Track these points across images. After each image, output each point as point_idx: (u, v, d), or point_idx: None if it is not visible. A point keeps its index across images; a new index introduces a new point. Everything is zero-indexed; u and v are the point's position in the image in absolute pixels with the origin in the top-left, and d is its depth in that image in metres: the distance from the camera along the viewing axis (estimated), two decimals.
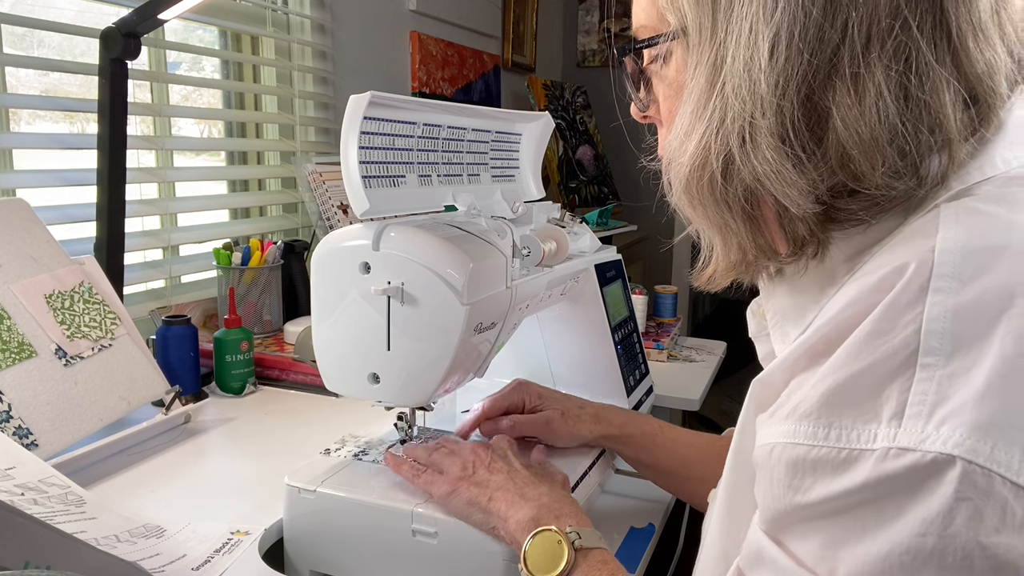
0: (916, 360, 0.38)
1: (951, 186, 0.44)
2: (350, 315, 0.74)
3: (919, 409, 0.37)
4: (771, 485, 0.42)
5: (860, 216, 0.45)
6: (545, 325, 1.04)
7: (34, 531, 0.52)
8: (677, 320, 1.65)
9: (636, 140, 0.60)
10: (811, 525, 0.41)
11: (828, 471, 0.39)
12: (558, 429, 0.86)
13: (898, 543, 0.37)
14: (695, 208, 0.49)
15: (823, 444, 0.40)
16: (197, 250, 1.53)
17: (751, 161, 0.44)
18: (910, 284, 0.39)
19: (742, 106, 0.44)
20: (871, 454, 0.38)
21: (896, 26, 0.42)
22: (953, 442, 0.35)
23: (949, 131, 0.43)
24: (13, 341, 0.89)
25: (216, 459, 0.97)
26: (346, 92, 1.07)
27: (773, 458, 0.42)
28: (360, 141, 0.69)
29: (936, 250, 0.40)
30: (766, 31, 0.43)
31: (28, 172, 1.23)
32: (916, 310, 0.39)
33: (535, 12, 3.02)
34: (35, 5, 1.28)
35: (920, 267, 0.40)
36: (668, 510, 0.92)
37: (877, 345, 0.39)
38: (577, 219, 1.02)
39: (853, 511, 0.39)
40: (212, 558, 0.70)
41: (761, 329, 0.60)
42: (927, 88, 0.42)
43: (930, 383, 0.37)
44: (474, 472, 0.71)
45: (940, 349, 0.38)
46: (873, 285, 0.41)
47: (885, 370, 0.39)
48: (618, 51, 0.55)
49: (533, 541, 0.64)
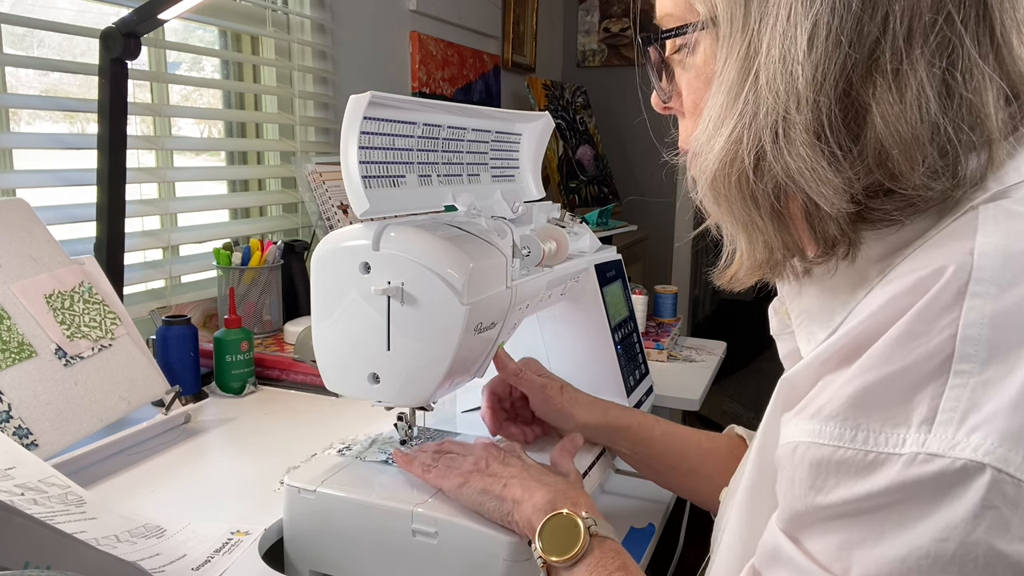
0: (951, 366, 0.37)
1: (988, 187, 0.43)
2: (350, 315, 0.74)
3: (951, 415, 0.36)
4: (792, 484, 0.42)
5: (894, 216, 0.44)
6: (545, 325, 1.04)
7: (34, 531, 0.52)
8: (677, 320, 1.65)
9: (637, 140, 0.60)
10: (830, 525, 0.40)
11: (852, 473, 0.39)
12: (553, 399, 0.85)
13: (917, 547, 0.36)
14: (720, 204, 0.48)
15: (849, 446, 0.39)
16: (197, 250, 1.53)
17: (784, 157, 0.43)
18: (947, 287, 0.39)
19: (776, 100, 0.43)
20: (898, 458, 0.37)
21: (940, 20, 0.41)
22: (984, 450, 0.35)
23: (991, 130, 0.42)
24: (13, 341, 0.89)
25: (216, 459, 0.97)
26: (346, 92, 1.07)
27: (796, 457, 0.42)
28: (360, 141, 0.69)
29: (975, 253, 0.39)
30: (805, 22, 0.41)
31: (28, 172, 1.23)
32: (952, 315, 0.38)
33: (535, 12, 3.02)
34: (35, 5, 1.28)
35: (958, 270, 0.39)
36: (668, 510, 0.92)
37: (911, 348, 0.38)
38: (577, 219, 1.02)
39: (874, 513, 0.38)
40: (212, 558, 0.70)
41: (783, 327, 0.60)
42: (971, 86, 0.41)
43: (963, 390, 0.37)
44: (488, 466, 0.71)
45: (975, 356, 0.37)
46: (909, 287, 0.40)
47: (918, 374, 0.38)
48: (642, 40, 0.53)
49: (549, 522, 0.63)
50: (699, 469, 0.82)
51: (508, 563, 0.68)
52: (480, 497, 0.68)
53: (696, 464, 0.83)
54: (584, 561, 0.61)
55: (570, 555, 0.61)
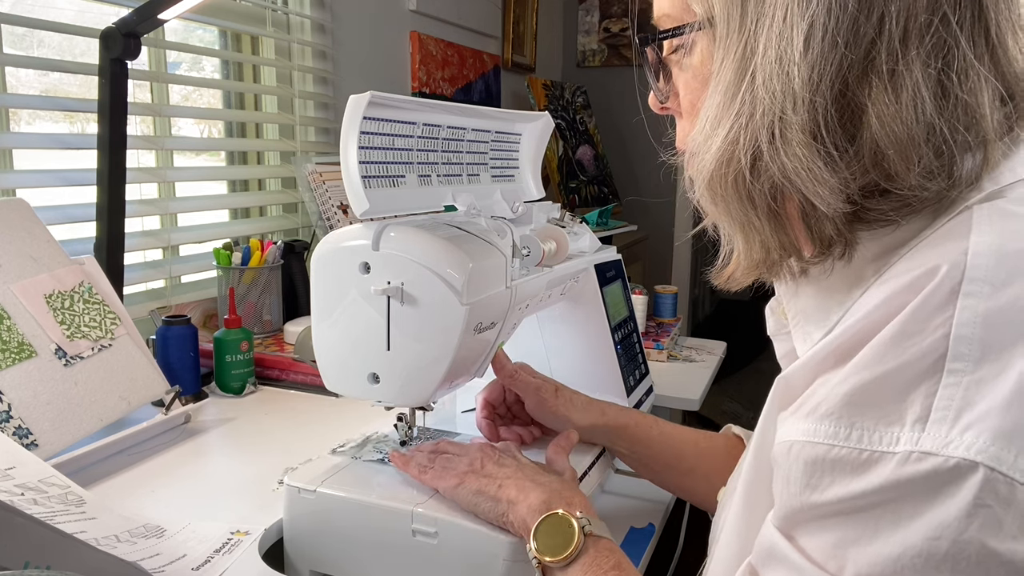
0: (944, 365, 0.37)
1: (983, 187, 0.43)
2: (350, 315, 0.74)
3: (944, 414, 0.37)
4: (787, 482, 0.42)
5: (890, 216, 0.44)
6: (545, 325, 1.04)
7: (34, 531, 0.52)
8: (677, 320, 1.65)
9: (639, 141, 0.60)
10: (825, 523, 0.40)
11: (847, 471, 0.39)
12: (547, 401, 0.85)
13: (911, 545, 0.37)
14: (717, 204, 0.48)
15: (843, 444, 0.39)
16: (197, 250, 1.53)
17: (780, 158, 0.43)
18: (941, 287, 0.39)
19: (772, 100, 0.43)
20: (892, 457, 0.37)
21: (935, 22, 0.41)
22: (976, 448, 0.35)
23: (986, 130, 0.42)
24: (13, 341, 0.89)
25: (216, 459, 0.97)
26: (346, 92, 1.07)
27: (791, 455, 0.42)
28: (360, 141, 0.69)
29: (968, 253, 0.39)
30: (801, 23, 0.42)
31: (28, 172, 1.23)
32: (946, 314, 0.38)
33: (535, 12, 3.02)
34: (35, 5, 1.28)
35: (952, 270, 0.39)
36: (668, 510, 0.92)
37: (905, 347, 0.39)
38: (577, 219, 1.02)
39: (868, 511, 0.38)
40: (212, 558, 0.70)
41: (780, 328, 0.60)
42: (966, 86, 0.41)
43: (957, 388, 0.37)
44: (483, 467, 0.71)
45: (968, 355, 0.37)
46: (903, 287, 0.41)
47: (912, 373, 0.38)
48: (640, 40, 0.53)
49: (543, 523, 0.63)
50: (697, 468, 0.82)
51: (508, 563, 0.68)
52: (475, 498, 0.68)
53: (694, 464, 0.83)
54: (578, 561, 0.61)
55: (564, 555, 0.61)
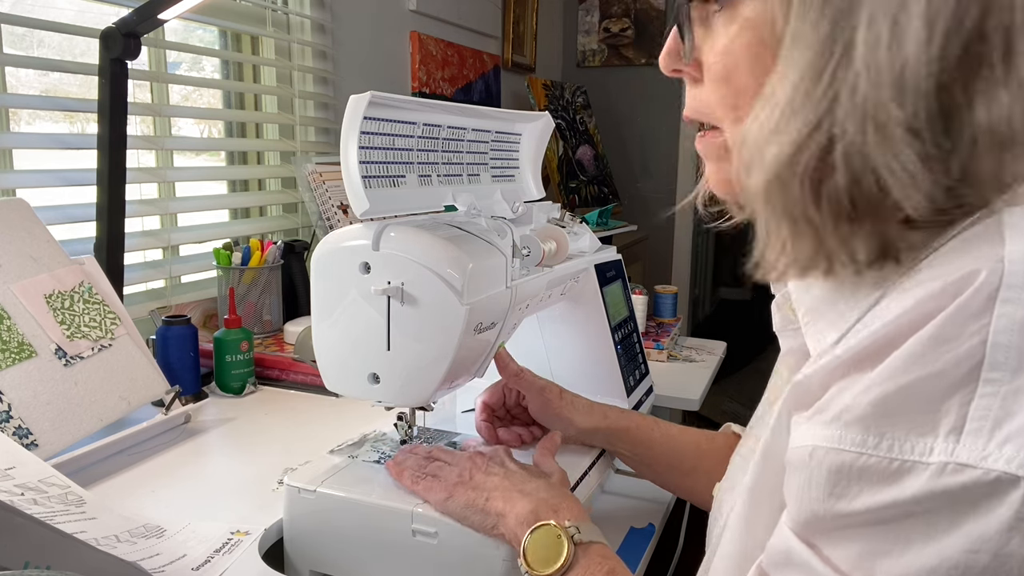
0: (980, 374, 0.36)
1: None
2: (350, 315, 0.74)
3: (980, 425, 0.36)
4: (809, 488, 0.41)
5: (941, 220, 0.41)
6: (545, 325, 1.04)
7: (34, 531, 0.52)
8: (677, 320, 1.65)
9: (637, 140, 0.60)
10: (852, 532, 0.39)
11: (876, 481, 0.38)
12: (552, 403, 0.85)
13: (947, 557, 0.36)
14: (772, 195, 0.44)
15: (872, 453, 0.38)
16: (197, 250, 1.53)
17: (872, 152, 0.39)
18: (978, 293, 0.37)
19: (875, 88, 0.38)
20: (925, 468, 0.36)
21: None
22: (1018, 462, 0.34)
23: None
24: (13, 341, 0.89)
25: (216, 459, 0.97)
26: (346, 92, 1.07)
27: (813, 461, 0.40)
28: (360, 141, 0.69)
29: (1005, 259, 0.38)
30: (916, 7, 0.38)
31: (28, 172, 1.23)
32: (982, 320, 0.37)
33: (535, 12, 3.02)
34: (35, 5, 1.28)
35: (990, 276, 0.37)
36: (668, 510, 0.92)
37: (939, 354, 0.37)
38: (577, 219, 1.02)
39: (899, 522, 0.37)
40: (212, 558, 0.70)
41: (787, 323, 0.58)
42: None
43: (994, 398, 0.36)
44: (471, 477, 0.71)
45: (1005, 364, 0.36)
46: (936, 292, 0.39)
47: (946, 382, 0.37)
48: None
49: (532, 536, 0.63)
50: (698, 468, 0.82)
51: (508, 563, 0.68)
52: (465, 511, 0.69)
53: (695, 464, 0.83)
54: (571, 572, 0.61)
55: (555, 568, 0.61)
